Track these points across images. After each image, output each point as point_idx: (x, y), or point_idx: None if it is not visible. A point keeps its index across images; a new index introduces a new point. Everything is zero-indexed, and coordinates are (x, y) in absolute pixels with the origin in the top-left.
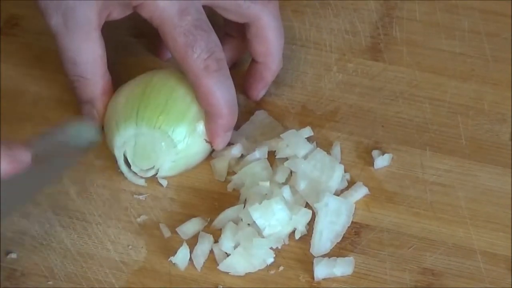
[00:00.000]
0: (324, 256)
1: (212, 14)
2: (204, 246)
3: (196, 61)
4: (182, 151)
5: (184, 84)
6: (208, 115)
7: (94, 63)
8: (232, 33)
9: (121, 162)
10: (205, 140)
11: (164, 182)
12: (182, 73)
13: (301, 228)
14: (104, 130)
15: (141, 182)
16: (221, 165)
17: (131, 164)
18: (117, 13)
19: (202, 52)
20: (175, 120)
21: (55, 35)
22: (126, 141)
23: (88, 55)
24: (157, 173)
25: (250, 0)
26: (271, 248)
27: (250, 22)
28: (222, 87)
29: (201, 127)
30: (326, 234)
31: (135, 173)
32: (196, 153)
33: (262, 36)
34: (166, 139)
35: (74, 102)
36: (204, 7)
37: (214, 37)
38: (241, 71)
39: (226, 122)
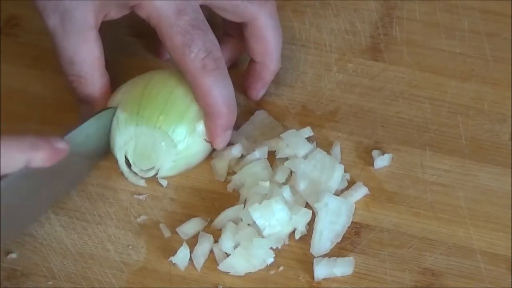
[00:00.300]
0: (324, 256)
1: (211, 13)
2: (204, 246)
3: (193, 61)
4: (182, 151)
5: (184, 84)
6: (207, 114)
7: (92, 63)
8: (232, 32)
9: (121, 163)
10: (205, 140)
11: (164, 182)
12: (182, 73)
13: (301, 228)
14: None
15: (142, 182)
16: (221, 165)
17: (131, 164)
18: (115, 13)
19: (200, 51)
20: (175, 120)
21: (52, 36)
22: (126, 141)
23: (86, 56)
24: (157, 173)
25: (247, 0)
26: (271, 248)
27: (247, 22)
28: (220, 86)
29: (201, 127)
30: (326, 234)
31: (135, 174)
32: (196, 153)
33: (260, 36)
34: (166, 139)
35: (74, 102)
36: (202, 6)
37: (211, 36)
38: (241, 70)
39: (225, 121)
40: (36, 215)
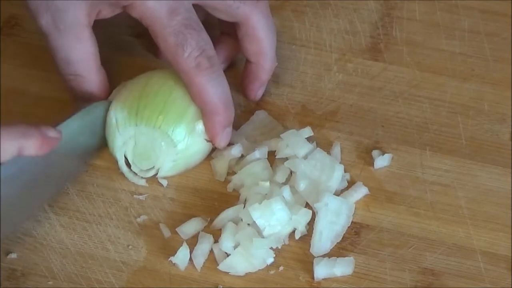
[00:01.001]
0: (324, 256)
1: (207, 13)
2: (204, 246)
3: (187, 60)
4: (182, 151)
5: (182, 84)
6: (204, 113)
7: (87, 60)
8: (228, 31)
9: (121, 163)
10: (206, 139)
11: (165, 182)
12: (177, 73)
13: (301, 228)
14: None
15: (142, 182)
16: (221, 165)
17: (131, 164)
18: (107, 12)
19: (193, 50)
20: (174, 120)
21: (46, 36)
22: (126, 141)
23: (81, 54)
24: (157, 173)
25: (239, 0)
26: (271, 248)
27: (240, 22)
28: (215, 84)
29: (200, 126)
30: (326, 234)
31: (135, 174)
32: (196, 153)
33: (252, 36)
34: (166, 139)
35: (71, 101)
36: (197, 6)
37: (204, 35)
38: (239, 70)
39: (223, 119)
40: (28, 213)
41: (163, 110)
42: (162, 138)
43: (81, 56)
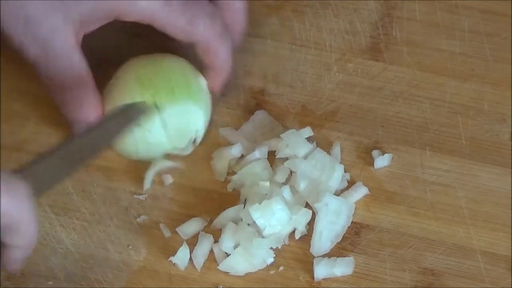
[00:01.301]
0: (324, 256)
1: None
2: (204, 246)
3: (205, 31)
4: (206, 112)
5: (167, 58)
6: (214, 69)
7: (82, 83)
8: None
9: (150, 173)
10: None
11: (169, 180)
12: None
13: (301, 228)
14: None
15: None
16: (221, 165)
17: (172, 149)
18: (94, 26)
19: (205, 19)
20: (186, 89)
21: (36, 67)
22: (158, 133)
23: (75, 77)
24: (195, 141)
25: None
26: (271, 248)
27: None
28: (228, 42)
29: (203, 82)
30: (326, 234)
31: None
32: (210, 107)
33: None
34: (190, 110)
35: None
36: None
37: (206, 3)
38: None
39: (228, 71)
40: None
41: (174, 86)
42: (187, 111)
43: (75, 80)
